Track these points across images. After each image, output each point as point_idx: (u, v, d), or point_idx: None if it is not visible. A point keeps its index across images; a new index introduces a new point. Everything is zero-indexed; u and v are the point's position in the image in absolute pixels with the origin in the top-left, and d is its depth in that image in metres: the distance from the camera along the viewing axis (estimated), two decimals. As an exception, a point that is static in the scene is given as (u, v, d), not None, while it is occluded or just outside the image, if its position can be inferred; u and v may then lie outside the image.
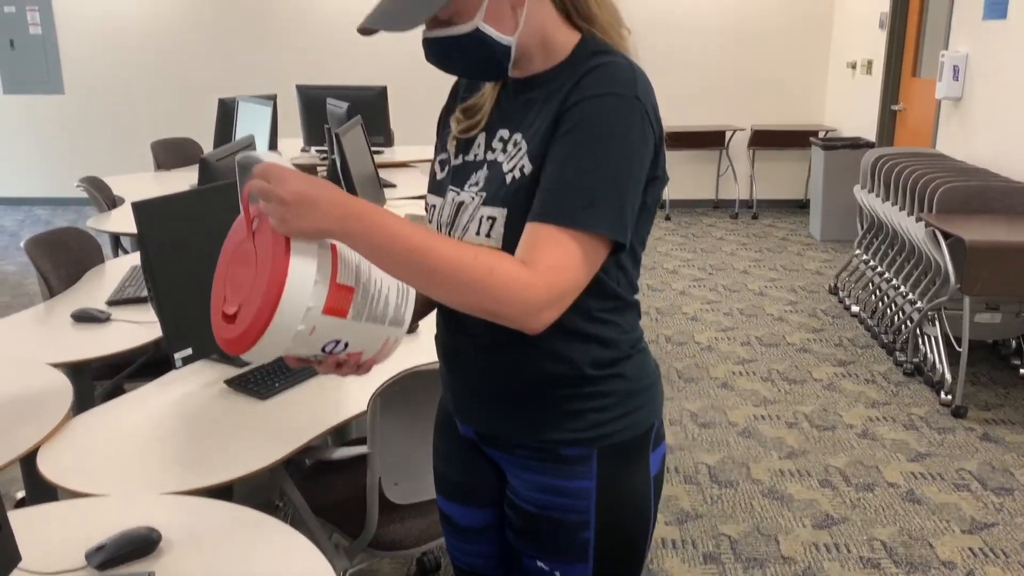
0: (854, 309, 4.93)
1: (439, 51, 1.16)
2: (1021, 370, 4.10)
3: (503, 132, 1.21)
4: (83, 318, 2.51)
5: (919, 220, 4.06)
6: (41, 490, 1.91)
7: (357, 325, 1.07)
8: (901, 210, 4.41)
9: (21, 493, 2.80)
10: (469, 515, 1.40)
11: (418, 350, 2.20)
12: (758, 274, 5.79)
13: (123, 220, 3.80)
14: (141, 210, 1.94)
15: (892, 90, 6.27)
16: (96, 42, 7.68)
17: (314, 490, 2.13)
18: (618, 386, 1.23)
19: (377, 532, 1.97)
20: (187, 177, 4.70)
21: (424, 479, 1.98)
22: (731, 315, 4.97)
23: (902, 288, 4.32)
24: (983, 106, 4.86)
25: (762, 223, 7.32)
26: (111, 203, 4.18)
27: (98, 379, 2.80)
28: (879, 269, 4.72)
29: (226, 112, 4.78)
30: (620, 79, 1.11)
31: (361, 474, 1.98)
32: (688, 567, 2.65)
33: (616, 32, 1.20)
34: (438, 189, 1.28)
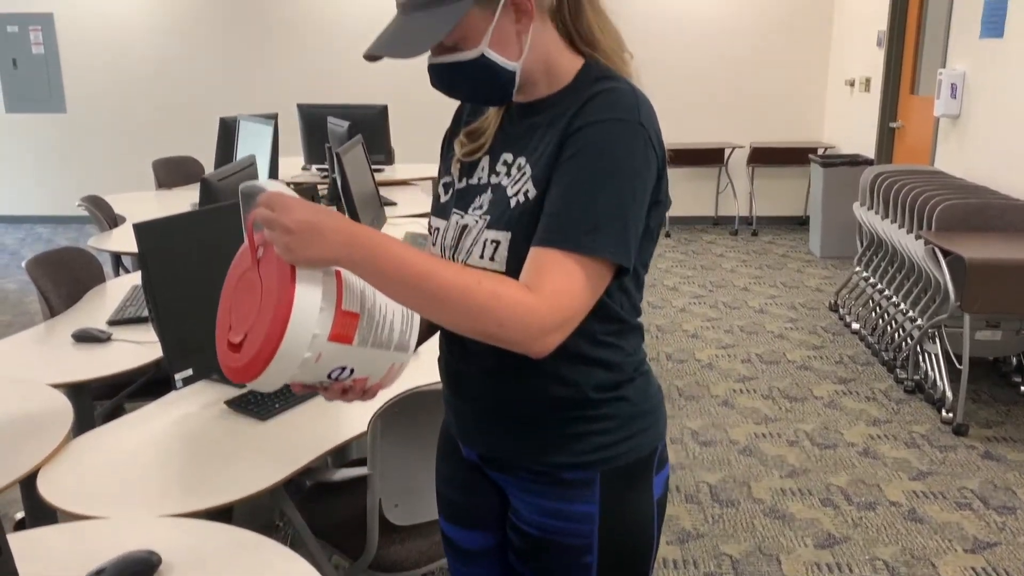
0: (854, 326, 4.93)
1: (444, 76, 1.17)
2: (1022, 387, 4.09)
3: (507, 156, 1.22)
4: (84, 338, 2.51)
5: (918, 238, 4.07)
6: (41, 512, 1.90)
7: (362, 351, 1.07)
8: (900, 227, 4.42)
9: (20, 514, 2.79)
10: (471, 538, 1.40)
11: (418, 371, 2.20)
12: (758, 291, 5.79)
13: (124, 239, 3.80)
14: (143, 231, 1.94)
15: (890, 107, 6.30)
16: (98, 61, 7.72)
17: (314, 511, 2.13)
18: (621, 409, 1.23)
19: (378, 554, 1.96)
20: (188, 196, 4.71)
21: (425, 500, 1.98)
22: (731, 332, 4.97)
23: (902, 305, 4.32)
24: (981, 123, 4.88)
25: (762, 240, 7.33)
26: (112, 222, 4.18)
27: (98, 399, 2.80)
28: (879, 286, 4.72)
29: (227, 131, 4.80)
30: (623, 105, 1.12)
31: (361, 495, 1.97)
32: (690, 587, 2.64)
33: (619, 57, 1.21)
34: (442, 212, 1.28)
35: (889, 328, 4.49)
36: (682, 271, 6.33)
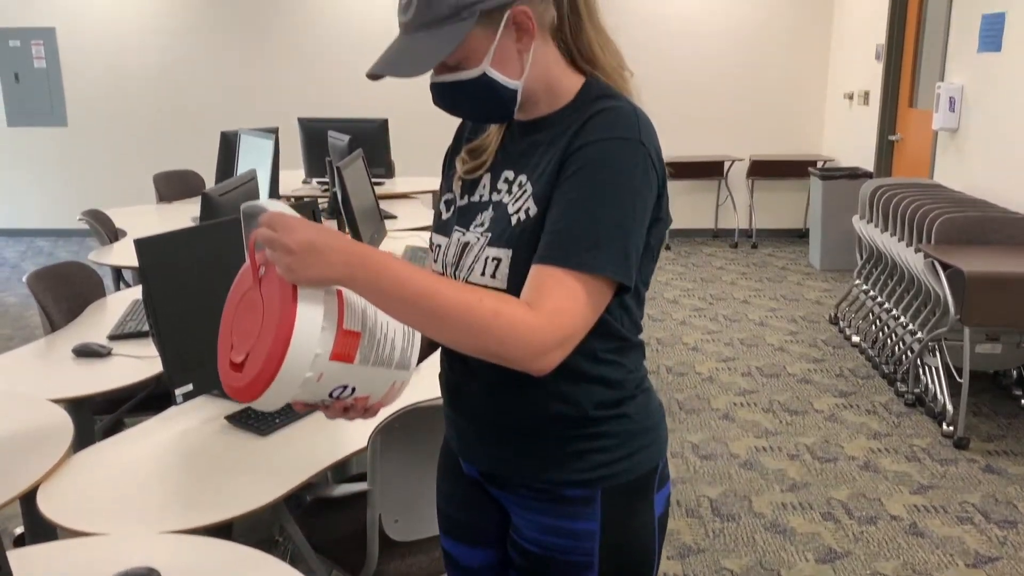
0: (854, 339, 4.93)
1: (447, 95, 1.18)
2: (1022, 401, 4.09)
3: (508, 173, 1.23)
4: (84, 353, 2.51)
5: (918, 251, 4.07)
6: (41, 528, 1.90)
7: (364, 370, 1.08)
8: (900, 241, 4.42)
9: (20, 529, 2.78)
10: (472, 555, 1.40)
11: (418, 386, 2.20)
12: (758, 304, 5.80)
13: (125, 253, 3.81)
14: (143, 246, 1.95)
15: (889, 121, 6.32)
16: (99, 75, 7.75)
17: (314, 526, 2.12)
18: (622, 427, 1.23)
19: (377, 569, 1.96)
20: (189, 209, 4.72)
21: (425, 516, 1.97)
22: (732, 345, 4.97)
23: (902, 318, 4.32)
24: (980, 137, 4.89)
25: (762, 252, 7.34)
26: (113, 236, 4.19)
27: (98, 413, 2.80)
28: (879, 299, 4.72)
29: (228, 145, 4.81)
30: (624, 123, 1.12)
31: (361, 510, 1.97)
32: (691, 603, 2.63)
33: (619, 75, 1.22)
34: (443, 229, 1.29)
35: (889, 341, 4.49)
36: (682, 284, 6.33)
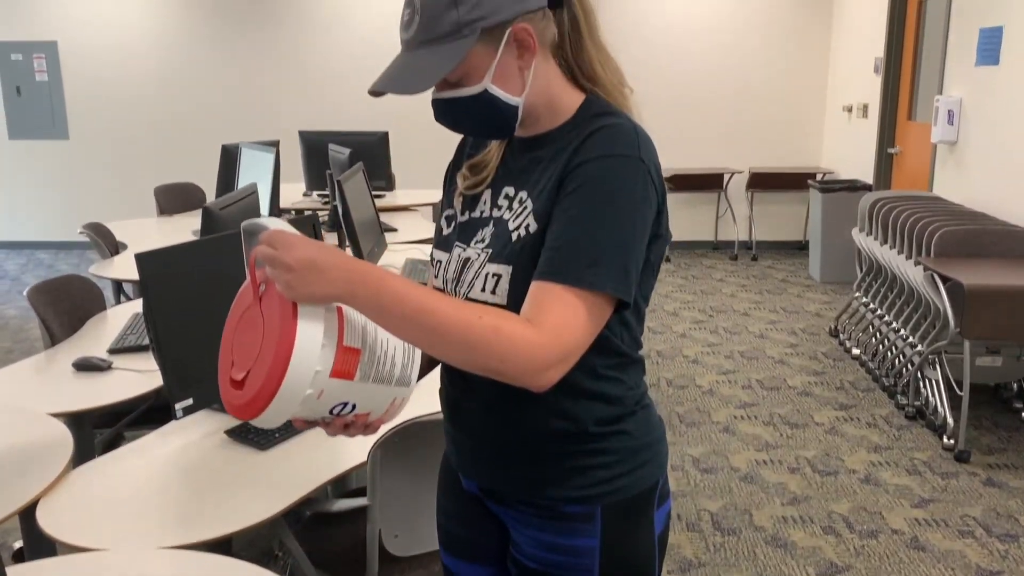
0: (855, 352, 4.93)
1: (448, 111, 1.19)
2: (1023, 413, 4.08)
3: (508, 189, 1.23)
4: (84, 367, 2.51)
5: (917, 264, 4.07)
6: (40, 543, 1.90)
7: (364, 386, 1.08)
8: (899, 253, 4.43)
9: (19, 543, 2.77)
10: (472, 571, 1.39)
11: (419, 401, 2.20)
12: (758, 316, 5.80)
13: (125, 267, 3.81)
14: (144, 261, 1.95)
15: (888, 133, 6.33)
16: (101, 89, 7.77)
17: (314, 541, 2.12)
18: (622, 443, 1.23)
19: (378, 585, 1.95)
20: (190, 223, 4.73)
21: (425, 531, 1.97)
22: (732, 358, 4.96)
23: (902, 331, 4.32)
24: (978, 150, 4.91)
25: (762, 264, 7.35)
26: (113, 249, 4.19)
27: (98, 427, 2.79)
28: (879, 312, 4.72)
29: (229, 158, 4.82)
30: (623, 140, 1.13)
31: (361, 525, 1.97)
32: (692, 617, 2.62)
33: (619, 92, 1.23)
34: (444, 245, 1.29)
35: (889, 354, 4.49)
36: (682, 296, 6.33)
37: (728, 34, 7.50)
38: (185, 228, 4.57)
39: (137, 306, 3.16)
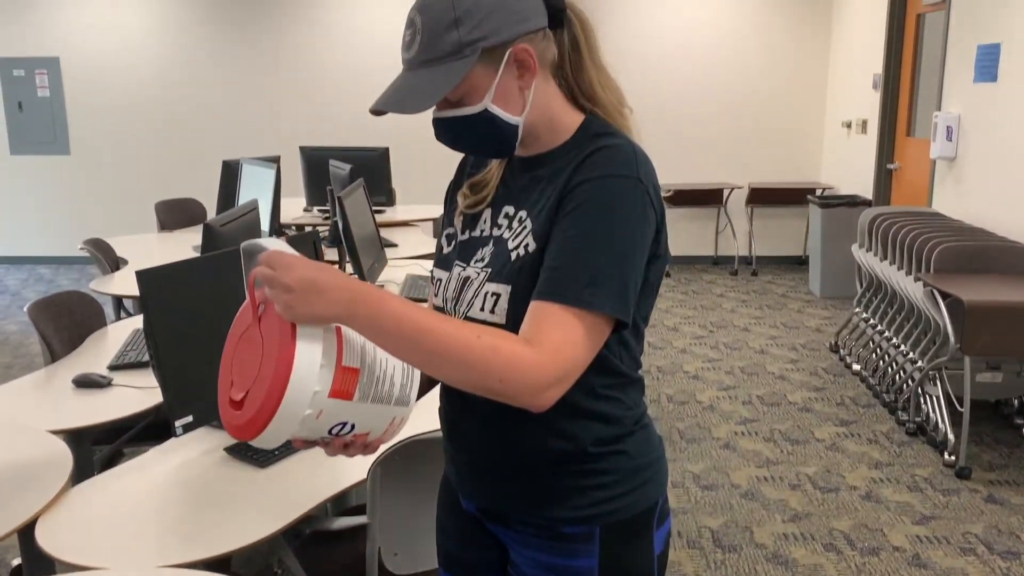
0: (855, 367, 4.93)
1: (449, 130, 1.19)
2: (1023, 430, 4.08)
3: (508, 209, 1.24)
4: (84, 384, 2.51)
5: (917, 279, 4.08)
6: (39, 562, 1.89)
7: (363, 406, 1.08)
8: (899, 269, 4.43)
9: (17, 560, 2.76)
10: (471, 590, 1.39)
11: (419, 419, 2.20)
12: (759, 331, 5.80)
13: (125, 283, 3.81)
14: (145, 278, 1.95)
15: (887, 149, 6.35)
16: (102, 104, 7.80)
17: (313, 559, 2.11)
18: (621, 463, 1.22)
19: (377, 603, 1.94)
20: (190, 238, 4.74)
21: (424, 549, 1.96)
22: (732, 374, 4.96)
23: (902, 347, 4.32)
24: (977, 166, 4.92)
25: (762, 280, 7.35)
26: (114, 265, 4.20)
27: (98, 443, 2.79)
28: (879, 328, 4.72)
29: (230, 174, 4.84)
30: (621, 161, 1.14)
31: (360, 543, 1.96)
32: (693, 636, 2.60)
33: (618, 112, 1.23)
34: (444, 263, 1.29)
35: (890, 370, 4.49)
36: (682, 311, 6.33)
37: (728, 51, 7.53)
38: (186, 244, 4.58)
39: (137, 322, 3.16)
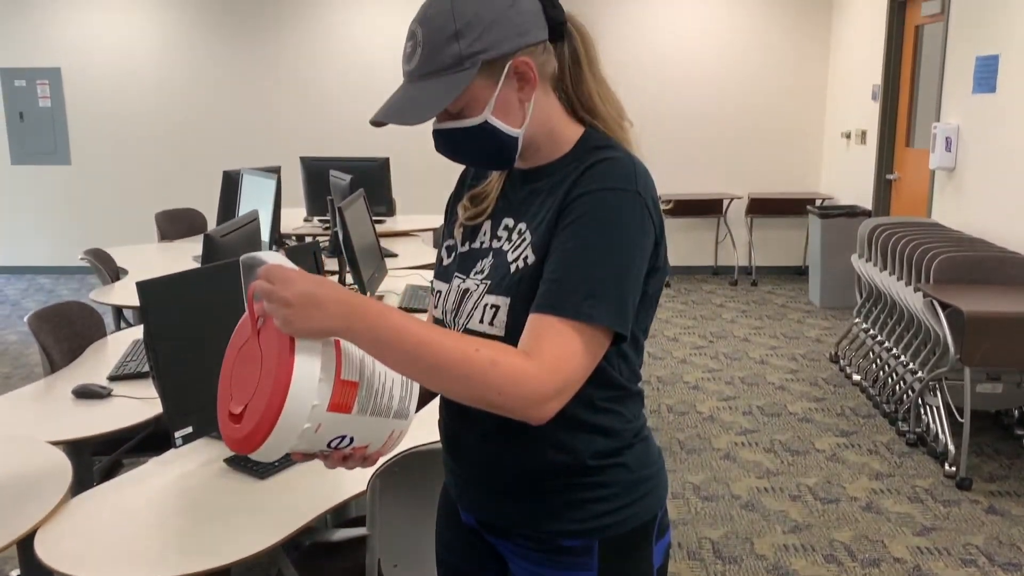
0: (855, 378, 4.92)
1: (448, 142, 1.20)
2: (1025, 440, 4.07)
3: (508, 221, 1.24)
4: (84, 394, 2.51)
5: (917, 290, 4.08)
6: (38, 573, 1.88)
7: (362, 419, 1.08)
8: (899, 280, 4.43)
9: (16, 571, 2.75)
10: (471, 603, 1.38)
11: (418, 430, 2.19)
12: (759, 342, 5.79)
13: (126, 293, 3.82)
14: (145, 289, 1.96)
15: (887, 160, 6.36)
16: (103, 115, 7.82)
17: (312, 571, 2.10)
18: (620, 476, 1.22)
19: (376, 615, 1.94)
20: (191, 248, 4.74)
21: (424, 561, 1.96)
22: (732, 384, 4.95)
23: (903, 357, 4.31)
24: (976, 176, 4.93)
25: (761, 290, 7.35)
26: (114, 275, 4.20)
27: (97, 454, 2.78)
28: (879, 338, 4.72)
29: (230, 184, 4.84)
30: (620, 174, 1.14)
31: (360, 554, 1.96)
32: (693, 648, 2.60)
33: (618, 125, 1.24)
34: (444, 275, 1.30)
35: (890, 380, 4.48)
36: (682, 321, 6.33)
37: (727, 62, 7.56)
38: (186, 253, 4.58)
39: (137, 332, 3.16)
